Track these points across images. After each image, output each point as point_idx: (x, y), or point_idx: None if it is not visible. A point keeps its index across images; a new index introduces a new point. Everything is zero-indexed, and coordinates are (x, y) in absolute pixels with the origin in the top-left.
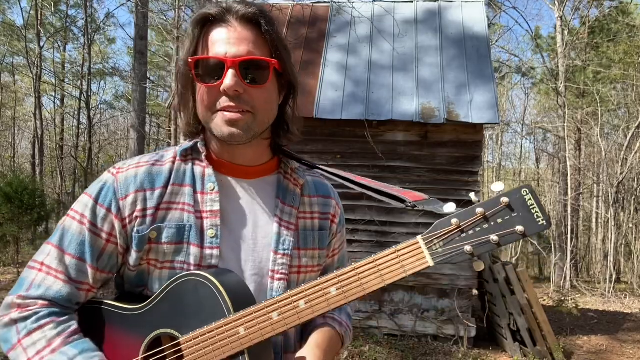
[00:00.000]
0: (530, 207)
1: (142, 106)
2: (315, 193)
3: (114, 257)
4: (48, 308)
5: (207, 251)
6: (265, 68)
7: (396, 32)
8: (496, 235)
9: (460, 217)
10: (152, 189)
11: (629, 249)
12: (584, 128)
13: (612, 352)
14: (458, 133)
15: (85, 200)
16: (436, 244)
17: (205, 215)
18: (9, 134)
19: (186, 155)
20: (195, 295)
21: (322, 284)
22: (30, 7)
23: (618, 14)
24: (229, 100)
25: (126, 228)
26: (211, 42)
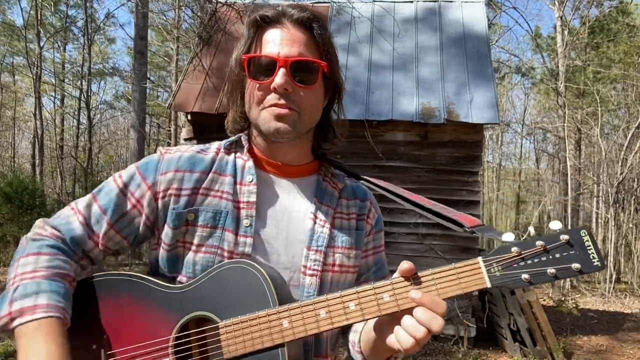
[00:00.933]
0: (587, 248)
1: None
2: (353, 196)
3: (134, 225)
4: (55, 240)
5: (240, 238)
6: (314, 70)
7: (396, 32)
8: (553, 268)
9: (521, 246)
10: (191, 171)
11: (629, 249)
12: (584, 128)
13: (612, 352)
14: (458, 133)
15: (130, 168)
16: (495, 267)
17: (242, 205)
18: (9, 134)
19: (229, 148)
20: (241, 282)
21: (375, 289)
22: (30, 7)
23: (618, 13)
24: (278, 98)
25: (157, 202)
26: (265, 42)
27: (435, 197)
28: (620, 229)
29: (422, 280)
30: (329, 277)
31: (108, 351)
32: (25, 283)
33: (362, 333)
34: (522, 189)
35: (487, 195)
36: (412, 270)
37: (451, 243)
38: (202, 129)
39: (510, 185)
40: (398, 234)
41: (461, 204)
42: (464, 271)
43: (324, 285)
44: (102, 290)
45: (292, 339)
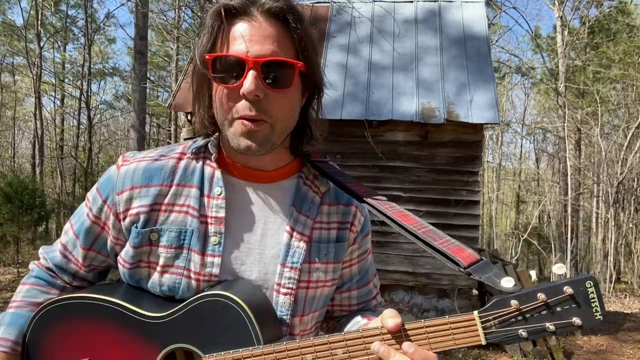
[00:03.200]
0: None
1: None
2: (336, 201)
3: (107, 245)
4: (41, 270)
5: (208, 259)
6: (289, 70)
7: (396, 32)
8: (553, 324)
9: (521, 300)
10: (148, 185)
11: (629, 249)
12: (584, 128)
13: (612, 352)
14: (458, 133)
15: (93, 189)
16: (491, 322)
17: (209, 221)
18: (9, 134)
19: (198, 153)
20: (222, 317)
21: (364, 337)
22: (30, 7)
23: (618, 13)
24: (248, 107)
25: (120, 222)
26: (232, 38)
27: (435, 197)
28: (620, 229)
29: (414, 333)
30: (303, 294)
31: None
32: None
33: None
34: (522, 189)
35: (487, 195)
36: (398, 327)
37: None
38: None
39: (510, 185)
40: (398, 233)
41: (461, 204)
42: (458, 327)
43: (297, 303)
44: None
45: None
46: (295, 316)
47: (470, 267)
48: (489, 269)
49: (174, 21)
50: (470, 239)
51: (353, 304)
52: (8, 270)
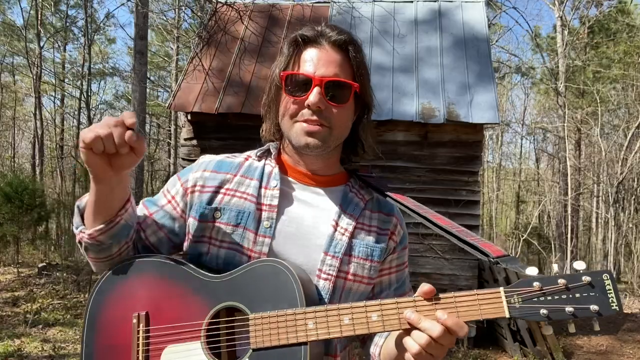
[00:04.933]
0: (608, 291)
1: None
2: (377, 209)
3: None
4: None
5: (259, 238)
6: (347, 89)
7: (396, 32)
8: (572, 307)
9: (543, 282)
10: (217, 172)
11: (629, 249)
12: (584, 128)
13: (612, 352)
14: (458, 133)
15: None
16: (515, 299)
17: (264, 208)
18: (9, 134)
19: (261, 156)
20: (273, 280)
21: (398, 303)
22: (30, 7)
23: (618, 13)
24: (311, 114)
25: (187, 196)
26: (303, 60)
27: (435, 197)
28: (620, 229)
29: (444, 301)
30: (341, 284)
31: (146, 326)
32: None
33: (383, 347)
34: (522, 188)
35: (487, 195)
36: (432, 292)
37: (451, 243)
38: (202, 129)
39: (510, 185)
40: None
41: (461, 204)
42: (485, 298)
43: (336, 291)
44: (147, 270)
45: (315, 339)
46: (333, 302)
47: (498, 258)
48: (515, 261)
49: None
50: None
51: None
52: (8, 270)
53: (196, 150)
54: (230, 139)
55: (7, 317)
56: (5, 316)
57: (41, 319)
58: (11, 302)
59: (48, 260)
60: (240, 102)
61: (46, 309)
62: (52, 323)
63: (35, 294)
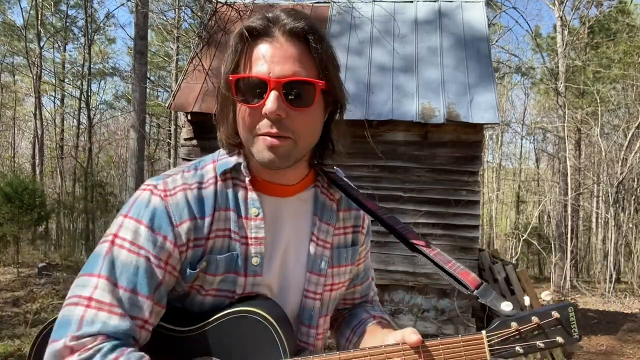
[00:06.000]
0: (571, 323)
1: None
2: (348, 206)
3: (169, 289)
4: (110, 342)
5: (250, 279)
6: (310, 89)
7: (396, 32)
8: (542, 342)
9: (519, 322)
10: (203, 217)
11: (629, 249)
12: (584, 128)
13: (612, 352)
14: (458, 133)
15: (134, 226)
16: (494, 341)
17: (250, 242)
18: (9, 134)
19: (225, 175)
20: (252, 333)
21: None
22: (30, 7)
23: (618, 13)
24: (270, 125)
25: (181, 256)
26: (254, 59)
27: (435, 197)
28: (620, 229)
29: (431, 347)
30: (328, 297)
31: None
32: None
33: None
34: (522, 189)
35: (487, 195)
36: (419, 342)
37: (451, 243)
38: (202, 129)
39: (510, 185)
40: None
41: (461, 204)
42: (468, 344)
43: (323, 305)
44: None
45: None
46: (321, 317)
47: (477, 291)
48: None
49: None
50: (470, 239)
51: (357, 298)
52: (8, 270)
53: (196, 150)
54: None
55: (7, 317)
56: (5, 316)
57: (41, 319)
58: (11, 302)
59: (48, 260)
60: None
61: (46, 309)
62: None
63: (35, 294)
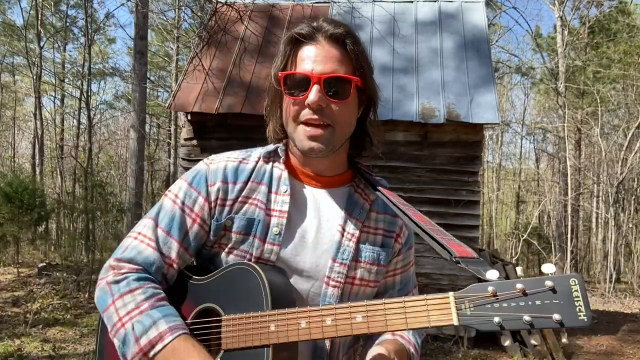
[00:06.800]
0: (575, 298)
1: (142, 106)
2: (384, 210)
3: (198, 239)
4: (137, 273)
5: (267, 246)
6: (347, 85)
7: (396, 32)
8: (530, 315)
9: (498, 287)
10: (235, 182)
11: (629, 249)
12: (584, 128)
13: (612, 352)
14: (458, 133)
15: (181, 183)
16: (466, 305)
17: (274, 214)
18: (9, 134)
19: (268, 157)
20: (245, 283)
21: (350, 307)
22: (30, 7)
23: (618, 13)
24: (312, 113)
25: (212, 211)
26: (300, 59)
27: (435, 197)
28: (620, 229)
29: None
30: (348, 289)
31: None
32: (138, 319)
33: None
34: (522, 189)
35: (487, 195)
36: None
37: None
38: (202, 129)
39: (510, 185)
40: None
41: (461, 204)
42: (433, 305)
43: (343, 296)
44: None
45: (275, 342)
46: None
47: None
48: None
49: (174, 21)
50: (470, 239)
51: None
52: (8, 270)
53: (196, 150)
54: (230, 139)
55: (7, 317)
56: (5, 316)
57: (41, 319)
58: (11, 302)
59: (48, 260)
60: (240, 102)
61: (46, 309)
62: (52, 323)
63: (35, 294)
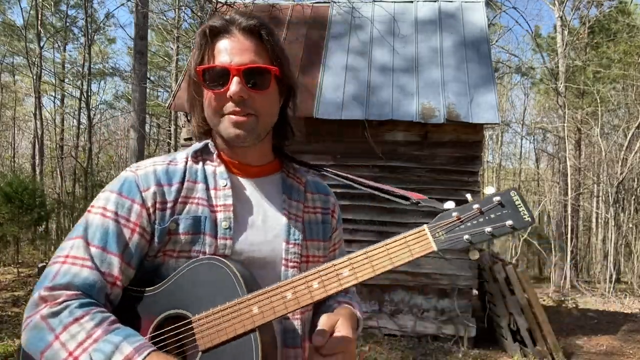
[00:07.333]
0: (518, 206)
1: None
2: (316, 191)
3: (140, 250)
4: (78, 299)
5: (220, 241)
6: (266, 75)
7: (396, 32)
8: (490, 227)
9: (460, 211)
10: (170, 184)
11: (629, 249)
12: (584, 128)
13: (612, 352)
14: (458, 133)
15: (107, 195)
16: (439, 233)
17: (218, 209)
18: (9, 134)
19: (196, 156)
20: (209, 277)
21: (335, 266)
22: (30, 7)
23: (618, 13)
24: (235, 105)
25: (150, 218)
26: (217, 52)
27: (435, 197)
28: (620, 229)
29: (377, 253)
30: (305, 268)
31: None
32: (95, 348)
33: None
34: (522, 189)
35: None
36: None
37: None
38: None
39: (510, 185)
40: (399, 233)
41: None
42: (412, 239)
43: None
44: None
45: (262, 322)
46: None
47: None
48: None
49: (174, 21)
50: None
51: None
52: (8, 270)
53: None
54: None
55: (7, 317)
56: (5, 316)
57: None
58: (11, 302)
59: (48, 260)
60: None
61: None
62: None
63: None
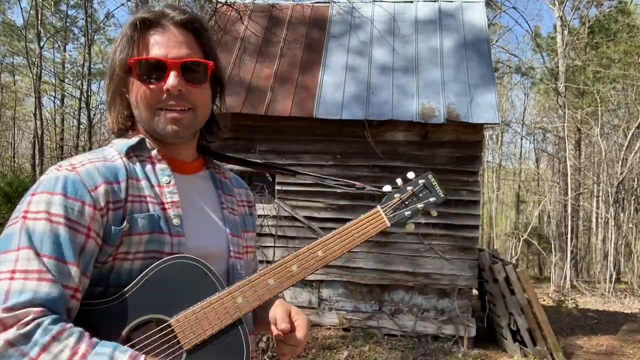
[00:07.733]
0: (435, 186)
1: None
2: (239, 185)
3: (93, 257)
4: (46, 316)
5: (175, 239)
6: (203, 69)
7: (396, 32)
8: (422, 204)
9: (400, 193)
10: (117, 181)
11: (629, 249)
12: (584, 128)
13: (612, 352)
14: (458, 133)
15: (46, 198)
16: (389, 211)
17: (167, 206)
18: (9, 134)
19: (129, 153)
20: (184, 277)
21: (311, 249)
22: (30, 7)
23: (618, 13)
24: (171, 99)
25: (103, 219)
26: (150, 45)
27: None
28: (620, 229)
29: (345, 234)
30: (246, 258)
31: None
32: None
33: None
34: (522, 189)
35: (487, 195)
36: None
37: (451, 243)
38: None
39: (510, 185)
40: (398, 234)
41: (461, 204)
42: (371, 219)
43: (245, 265)
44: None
45: (248, 310)
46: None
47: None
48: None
49: None
50: (470, 239)
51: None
52: None
53: None
54: (231, 138)
55: None
56: None
57: None
58: None
59: None
60: (240, 102)
61: None
62: None
63: None
